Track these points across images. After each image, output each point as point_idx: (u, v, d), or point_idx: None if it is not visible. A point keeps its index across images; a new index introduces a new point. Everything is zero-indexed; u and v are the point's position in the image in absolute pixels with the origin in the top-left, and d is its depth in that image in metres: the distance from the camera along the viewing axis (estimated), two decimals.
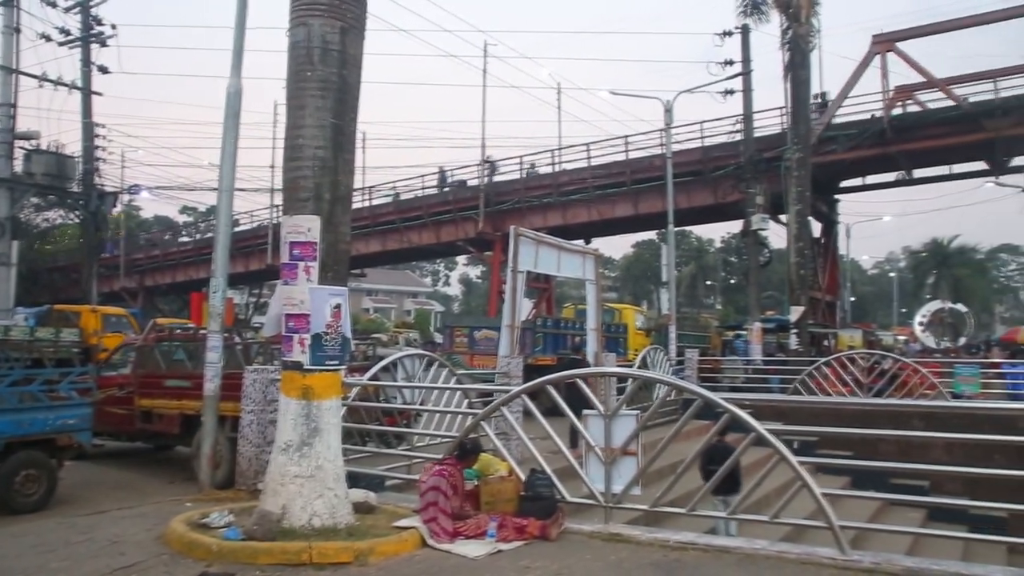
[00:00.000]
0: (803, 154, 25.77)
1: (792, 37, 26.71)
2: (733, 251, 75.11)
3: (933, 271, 69.46)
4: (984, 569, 5.88)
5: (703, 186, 32.21)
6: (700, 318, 49.00)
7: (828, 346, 28.45)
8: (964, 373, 18.65)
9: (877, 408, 14.79)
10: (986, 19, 30.91)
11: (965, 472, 11.86)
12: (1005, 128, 27.59)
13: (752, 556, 6.27)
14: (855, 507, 11.44)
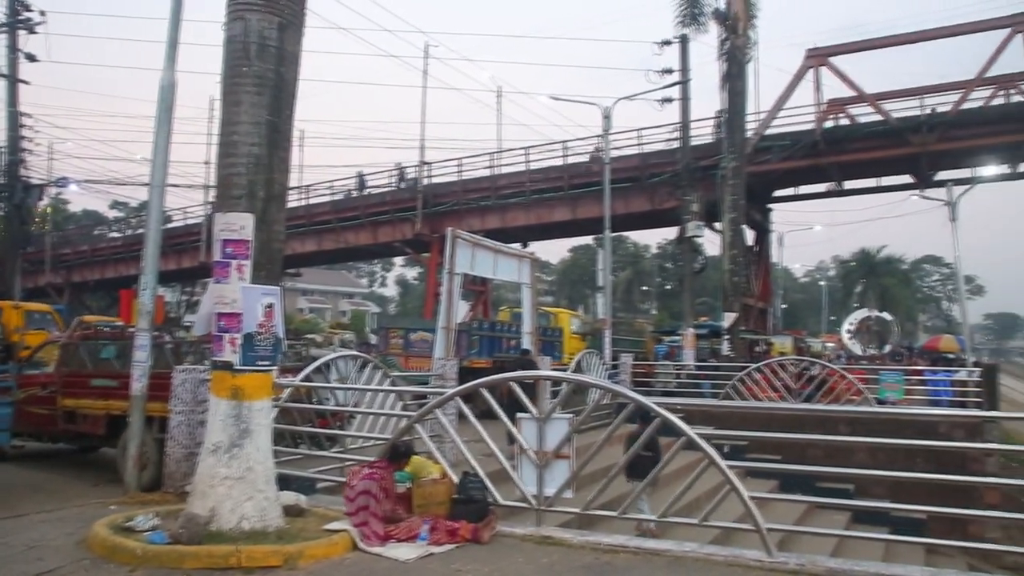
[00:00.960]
0: (738, 163, 26.25)
1: (729, 48, 27.22)
2: (669, 257, 75.90)
3: (861, 280, 71.36)
4: (904, 569, 6.04)
5: (640, 192, 32.59)
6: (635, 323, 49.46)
7: (760, 352, 28.95)
8: (888, 379, 19.17)
9: (806, 413, 15.08)
10: (911, 39, 31.91)
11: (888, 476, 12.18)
12: (930, 143, 28.50)
13: (681, 558, 6.34)
14: (783, 510, 11.66)
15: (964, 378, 20.51)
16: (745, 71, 27.54)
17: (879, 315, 46.98)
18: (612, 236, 28.51)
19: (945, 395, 19.80)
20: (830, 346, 46.32)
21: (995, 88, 29.55)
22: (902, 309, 67.60)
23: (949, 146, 29.01)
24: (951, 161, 31.16)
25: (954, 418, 16.33)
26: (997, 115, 28.57)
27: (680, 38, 28.56)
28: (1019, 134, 26.24)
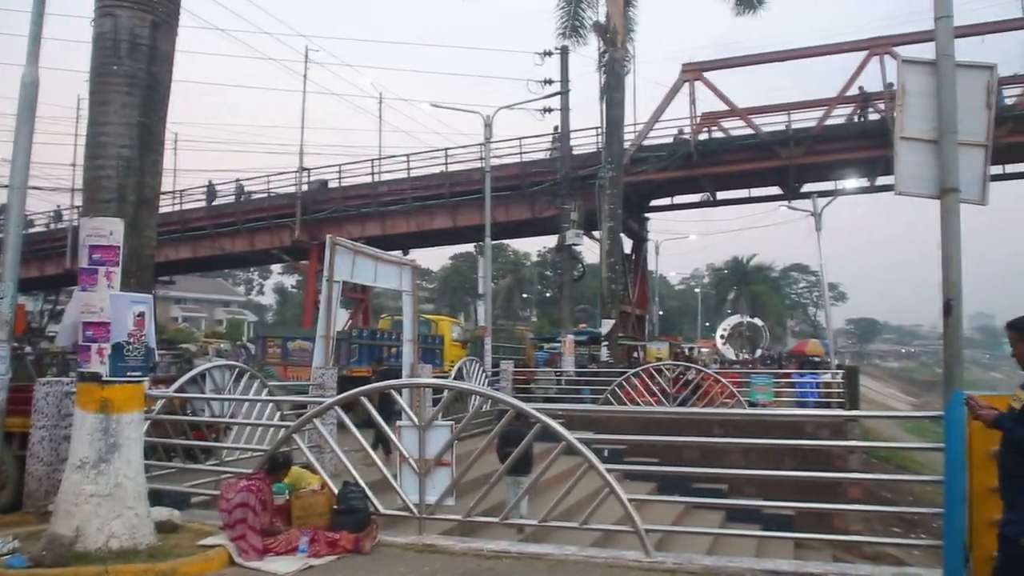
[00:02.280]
0: (616, 173, 26.74)
1: (608, 61, 27.72)
2: (549, 265, 76.95)
3: (733, 287, 74.03)
4: (773, 564, 6.28)
5: (521, 201, 32.89)
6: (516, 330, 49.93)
7: (637, 358, 29.58)
8: (759, 383, 19.90)
9: (681, 416, 15.48)
10: (780, 57, 33.34)
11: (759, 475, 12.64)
12: (796, 157, 29.83)
13: (562, 562, 6.43)
14: (661, 511, 11.96)
15: (829, 380, 21.49)
16: (623, 83, 28.10)
17: (751, 321, 48.89)
18: (493, 244, 28.63)
19: (811, 396, 20.68)
20: (705, 351, 47.81)
21: (855, 106, 31.19)
22: (772, 315, 70.46)
23: (814, 160, 30.40)
24: (816, 174, 32.66)
25: (819, 418, 17.08)
26: (856, 132, 30.13)
27: (561, 49, 28.93)
28: (876, 150, 27.64)
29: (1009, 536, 4.44)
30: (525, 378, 22.34)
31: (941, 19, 5.73)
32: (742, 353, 43.80)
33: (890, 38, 30.04)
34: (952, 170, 5.51)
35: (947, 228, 5.48)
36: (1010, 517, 4.51)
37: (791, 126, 30.85)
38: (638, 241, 35.73)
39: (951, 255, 5.45)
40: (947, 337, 5.54)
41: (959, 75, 5.68)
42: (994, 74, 5.83)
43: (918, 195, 5.66)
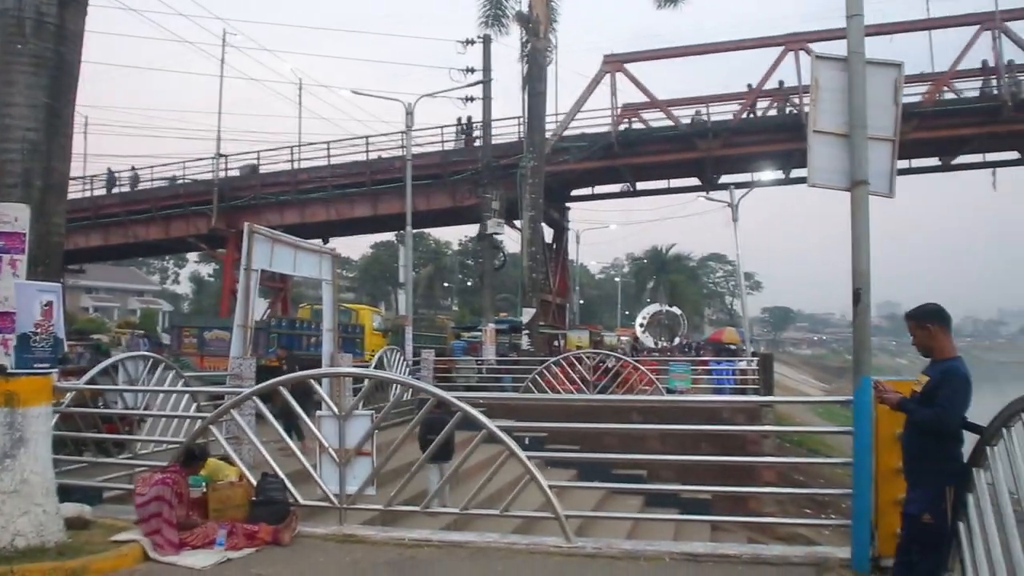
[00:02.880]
0: (537, 163, 26.88)
1: (530, 51, 27.83)
2: (470, 254, 76.92)
3: (653, 276, 75.02)
4: (690, 546, 6.41)
5: (442, 189, 32.82)
6: (437, 319, 49.75)
7: (558, 346, 29.81)
8: (677, 370, 20.29)
9: (601, 403, 15.65)
10: (701, 50, 34.02)
11: (677, 460, 12.91)
12: (714, 149, 30.45)
13: (484, 549, 6.45)
14: (582, 497, 12.07)
15: (744, 367, 22.02)
16: (545, 73, 28.25)
17: (669, 310, 49.64)
18: (414, 232, 28.51)
19: (728, 383, 21.18)
20: (624, 339, 48.40)
21: (772, 100, 31.94)
22: (690, 304, 71.70)
23: (731, 152, 31.09)
24: (733, 166, 33.41)
25: (735, 404, 17.49)
26: (772, 125, 30.89)
27: (483, 38, 28.91)
28: (791, 142, 28.38)
29: (912, 513, 4.64)
30: (446, 367, 22.32)
31: (852, 17, 5.90)
32: (661, 341, 44.49)
33: (806, 34, 30.83)
34: (862, 163, 5.68)
35: (857, 219, 5.66)
36: (913, 495, 4.71)
37: (710, 118, 31.46)
38: (559, 230, 36.01)
39: (860, 246, 5.62)
40: (856, 325, 5.73)
41: (869, 72, 5.85)
42: (901, 72, 6.03)
43: (830, 187, 5.82)
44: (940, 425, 4.57)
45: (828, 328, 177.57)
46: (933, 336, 4.82)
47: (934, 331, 4.83)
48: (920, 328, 4.86)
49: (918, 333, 4.87)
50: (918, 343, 4.90)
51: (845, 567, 5.77)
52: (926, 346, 4.86)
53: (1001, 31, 28.81)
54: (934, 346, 4.82)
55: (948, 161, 33.70)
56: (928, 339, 4.84)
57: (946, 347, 4.81)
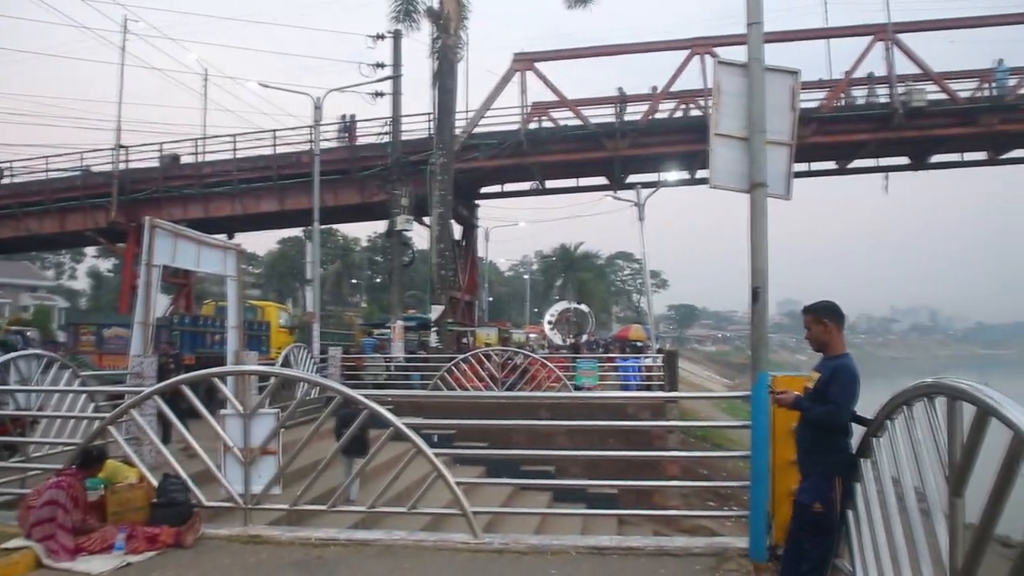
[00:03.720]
0: (447, 160, 26.86)
1: (441, 47, 27.76)
2: (379, 250, 76.29)
3: (561, 274, 75.73)
4: (596, 540, 6.54)
5: (350, 185, 32.50)
6: (345, 316, 49.26)
7: (467, 343, 29.85)
8: (584, 367, 20.54)
9: (510, 400, 15.75)
10: (610, 51, 34.56)
11: (584, 455, 13.11)
12: (622, 149, 30.93)
13: (392, 547, 6.45)
14: (491, 493, 12.13)
15: (649, 364, 22.42)
16: (456, 70, 28.21)
17: (577, 307, 50.12)
18: (322, 228, 28.16)
19: (634, 380, 21.52)
20: (533, 336, 48.71)
21: (678, 102, 32.62)
22: (598, 301, 72.67)
23: (639, 152, 31.62)
24: (640, 165, 33.99)
25: (641, 400, 17.80)
26: (678, 126, 31.55)
27: (394, 33, 28.70)
28: (696, 144, 28.99)
29: (804, 502, 4.84)
30: (354, 364, 22.14)
31: (752, 25, 6.08)
32: (569, 338, 44.92)
33: (712, 39, 31.57)
34: (761, 166, 5.87)
35: (755, 221, 5.85)
36: (804, 485, 4.93)
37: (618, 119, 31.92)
38: (468, 227, 36.07)
39: (759, 245, 5.81)
40: (754, 323, 5.92)
41: (768, 78, 6.04)
42: (798, 78, 6.25)
43: (730, 189, 6.00)
44: (832, 421, 4.79)
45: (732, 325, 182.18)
46: (829, 332, 5.03)
47: (830, 327, 5.03)
48: (818, 323, 5.05)
49: (815, 328, 5.06)
50: (813, 337, 5.09)
51: (744, 556, 5.97)
52: (821, 341, 5.06)
53: (893, 42, 30.01)
54: (828, 342, 5.03)
55: (844, 165, 35.04)
56: (824, 334, 5.04)
57: (839, 344, 5.03)
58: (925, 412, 3.71)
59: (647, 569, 5.91)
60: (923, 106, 29.60)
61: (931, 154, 34.06)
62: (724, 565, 5.90)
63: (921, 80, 30.58)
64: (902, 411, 4.05)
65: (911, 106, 29.39)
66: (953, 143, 32.48)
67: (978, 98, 30.79)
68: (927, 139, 31.55)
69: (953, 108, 30.11)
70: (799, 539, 4.92)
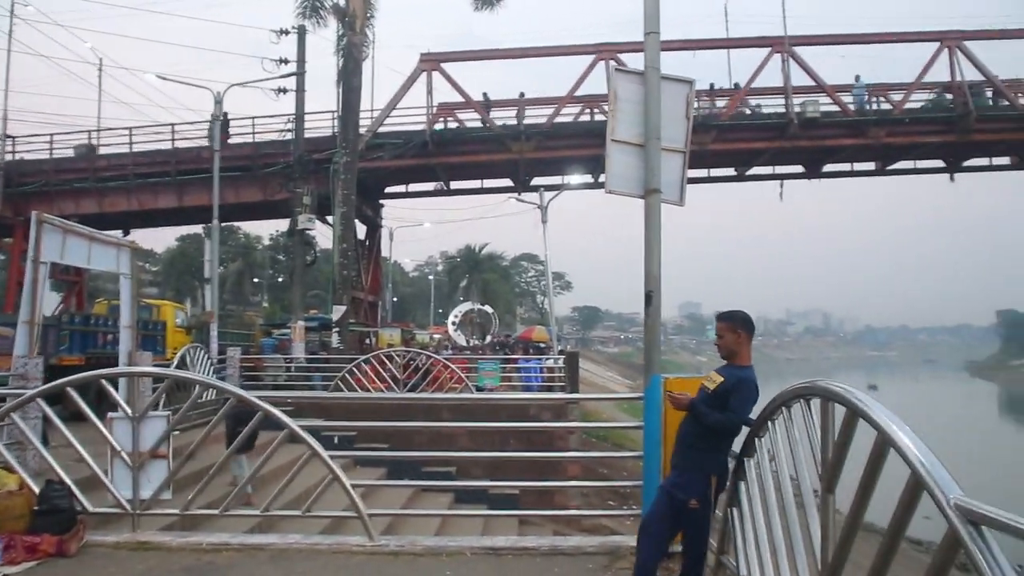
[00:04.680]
0: (351, 159, 26.59)
1: (346, 45, 27.47)
2: (282, 249, 74.91)
3: (466, 275, 75.80)
4: (491, 540, 6.60)
5: (252, 182, 31.85)
6: (246, 316, 48.26)
7: (370, 344, 29.61)
8: (486, 368, 20.61)
9: (411, 402, 15.72)
10: (517, 54, 34.78)
11: (486, 456, 13.16)
12: (527, 151, 31.15)
13: (286, 551, 6.37)
14: (392, 495, 12.09)
15: (551, 365, 22.64)
16: (361, 68, 27.95)
17: (481, 308, 50.26)
18: (224, 226, 27.59)
19: (536, 381, 21.71)
20: (437, 337, 48.62)
21: (582, 106, 33.04)
22: (502, 302, 73.02)
23: (543, 155, 31.87)
24: (545, 168, 34.32)
25: (542, 401, 17.98)
26: (582, 130, 31.94)
27: (299, 29, 28.32)
28: (599, 148, 29.33)
29: (681, 499, 4.89)
30: (253, 365, 21.73)
31: (650, 34, 6.22)
32: (473, 339, 44.99)
33: (616, 45, 32.05)
34: (656, 173, 6.01)
35: (649, 226, 5.98)
36: (681, 481, 4.93)
37: (523, 122, 32.15)
38: (372, 227, 35.81)
39: (652, 250, 5.94)
40: (648, 326, 6.06)
41: (664, 86, 6.19)
42: (692, 88, 6.43)
43: (626, 194, 6.12)
44: (729, 429, 4.90)
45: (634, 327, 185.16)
46: (741, 342, 5.07)
47: (743, 337, 5.09)
48: (732, 331, 5.08)
49: (729, 336, 5.07)
50: (725, 345, 5.07)
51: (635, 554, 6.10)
52: (731, 350, 5.06)
53: (789, 54, 31.04)
54: (738, 352, 5.05)
55: (743, 172, 36.06)
56: (736, 343, 5.06)
57: (746, 355, 5.09)
58: (802, 413, 3.87)
59: (541, 568, 5.99)
60: (816, 117, 30.74)
61: (824, 163, 35.39)
62: (616, 563, 6.02)
63: (815, 92, 31.73)
64: (781, 412, 4.21)
65: (805, 117, 30.46)
66: (844, 153, 33.80)
67: (867, 111, 32.11)
68: (820, 149, 32.77)
69: (844, 120, 31.33)
70: (654, 519, 5.00)
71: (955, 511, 2.26)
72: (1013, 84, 31.94)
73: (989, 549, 2.16)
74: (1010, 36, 33.25)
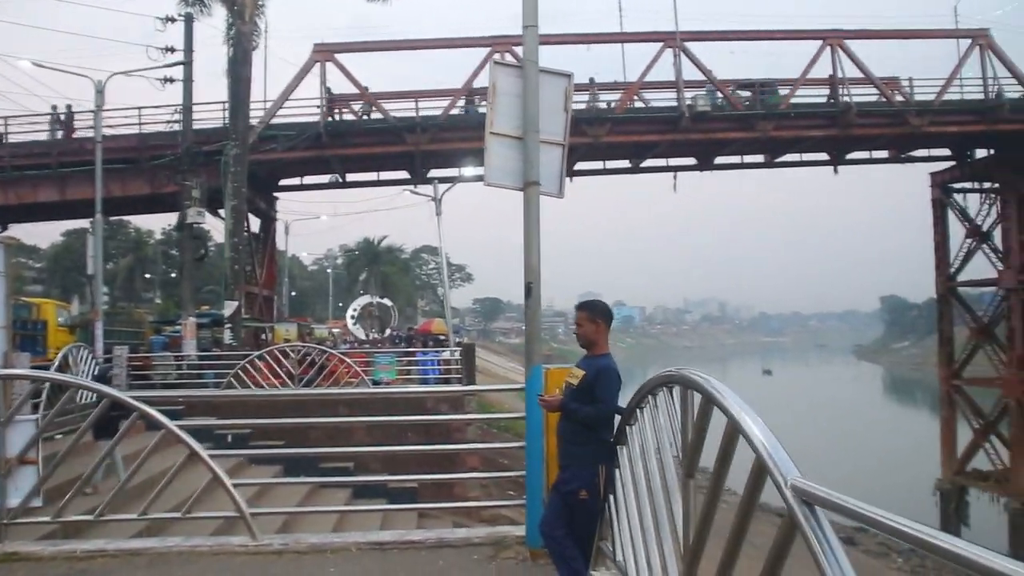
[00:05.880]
0: (241, 151, 26.01)
1: (235, 34, 26.80)
2: (175, 243, 72.77)
3: (365, 268, 75.08)
4: (377, 535, 6.59)
5: (140, 175, 30.71)
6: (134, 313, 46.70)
7: (265, 340, 29.09)
8: (382, 362, 20.51)
9: (307, 397, 15.52)
10: (412, 46, 34.70)
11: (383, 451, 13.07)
12: (423, 143, 30.96)
13: (165, 555, 6.21)
14: (289, 493, 11.93)
15: (447, 357, 22.67)
16: (251, 58, 27.34)
17: (380, 301, 49.88)
18: (113, 220, 26.64)
19: (433, 373, 21.69)
20: (336, 331, 48.05)
21: (479, 98, 33.00)
22: (403, 295, 72.63)
23: (439, 147, 31.70)
24: (442, 160, 34.12)
25: (439, 393, 17.96)
26: (477, 122, 31.75)
27: (185, 16, 27.47)
28: None
29: (571, 490, 5.00)
30: (142, 364, 21.08)
31: (528, 28, 6.25)
32: (372, 333, 44.63)
33: (512, 38, 31.98)
34: (534, 165, 6.05)
35: (528, 218, 6.02)
36: (567, 475, 5.09)
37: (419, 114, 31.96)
38: (267, 220, 35.08)
39: (531, 243, 5.99)
40: (528, 317, 6.12)
41: (542, 80, 6.23)
42: (571, 81, 6.49)
43: (504, 186, 6.15)
44: (601, 420, 5.00)
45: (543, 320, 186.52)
46: (599, 331, 5.20)
47: (601, 327, 5.22)
48: (592, 321, 5.21)
49: (588, 326, 5.21)
50: (584, 334, 5.22)
51: (521, 543, 6.17)
52: (590, 339, 5.20)
53: (680, 49, 31.66)
54: (597, 341, 5.19)
55: (638, 163, 36.64)
56: (595, 333, 5.20)
57: (604, 343, 5.23)
58: (665, 401, 3.97)
59: (426, 561, 6.00)
60: (707, 111, 31.44)
61: (715, 156, 36.22)
62: (502, 553, 6.08)
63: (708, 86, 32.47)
64: (648, 400, 4.31)
65: (696, 110, 31.13)
66: (734, 146, 34.64)
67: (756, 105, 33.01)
68: (711, 142, 33.50)
69: (733, 114, 32.14)
70: (557, 524, 5.09)
71: (792, 492, 2.35)
72: (890, 82, 33.29)
73: (821, 529, 2.25)
74: (886, 36, 34.76)
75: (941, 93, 32.37)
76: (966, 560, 1.67)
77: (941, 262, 36.59)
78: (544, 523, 5.19)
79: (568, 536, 4.96)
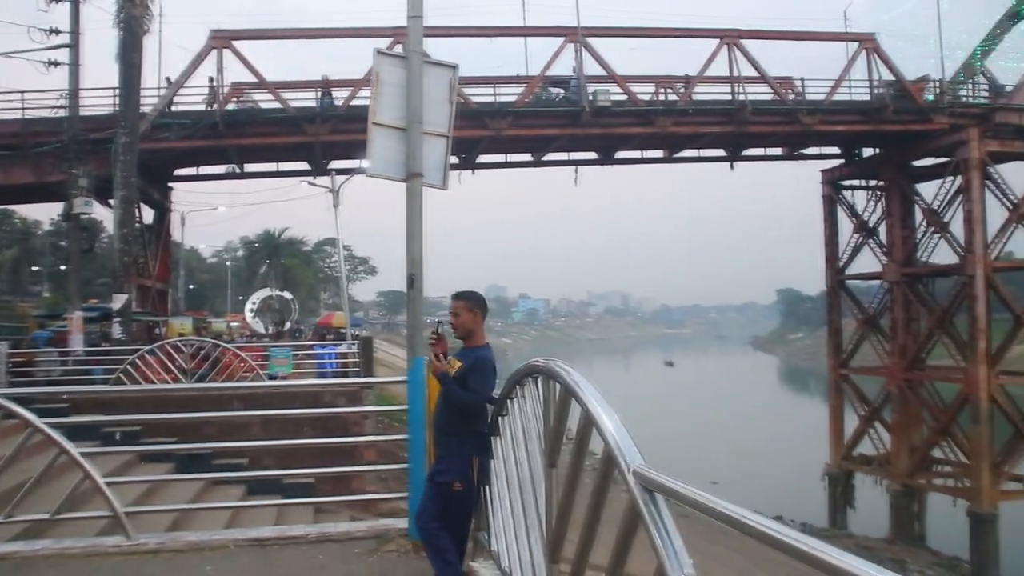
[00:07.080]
0: (130, 139, 25.14)
1: (126, 18, 25.86)
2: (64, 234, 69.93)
3: (266, 260, 73.68)
4: (257, 531, 6.46)
5: (23, 162, 29.41)
6: (19, 307, 44.81)
7: (159, 334, 28.28)
8: (278, 356, 20.17)
9: (200, 392, 15.19)
10: (314, 34, 34.11)
11: (278, 445, 12.87)
12: (323, 133, 30.52)
13: (30, 558, 5.96)
14: (181, 490, 11.61)
15: (345, 351, 22.42)
16: (143, 44, 26.41)
17: (280, 294, 49.03)
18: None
19: (331, 367, 21.42)
20: (235, 325, 47.01)
21: None
22: (305, 288, 71.57)
23: (340, 138, 31.25)
24: (343, 152, 33.71)
25: (336, 387, 17.76)
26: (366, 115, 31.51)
27: None
28: None
29: (446, 481, 5.01)
30: (25, 360, 20.22)
31: (413, 18, 6.22)
32: (272, 327, 43.84)
33: None
34: (417, 157, 6.03)
35: (411, 210, 6.00)
36: (442, 467, 5.10)
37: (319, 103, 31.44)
38: (161, 211, 34.06)
39: (414, 234, 5.97)
40: (410, 308, 6.10)
41: (426, 71, 6.22)
42: (456, 73, 6.49)
43: (387, 178, 6.12)
44: (472, 407, 5.02)
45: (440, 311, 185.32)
46: (476, 321, 5.23)
47: (478, 317, 5.24)
48: (468, 311, 5.22)
49: (466, 315, 5.22)
50: (461, 324, 5.23)
51: (403, 536, 6.16)
52: (468, 329, 5.23)
53: (582, 45, 31.94)
54: (474, 331, 5.22)
55: (539, 157, 36.88)
56: (472, 323, 5.22)
57: (481, 335, 5.26)
58: (530, 392, 4.02)
59: (306, 556, 5.93)
60: (607, 106, 31.80)
61: (616, 150, 36.76)
62: (384, 546, 6.06)
63: (607, 81, 32.83)
64: (516, 393, 4.35)
65: (596, 105, 31.47)
66: (635, 141, 35.21)
67: (656, 101, 33.59)
68: (612, 136, 33.96)
69: (634, 109, 32.60)
70: (432, 516, 5.09)
71: (634, 478, 2.40)
72: (784, 81, 34.30)
73: (660, 514, 2.31)
74: (781, 37, 35.78)
75: (831, 93, 33.48)
76: (770, 538, 1.75)
77: (831, 256, 38.06)
78: (419, 515, 5.18)
79: (443, 528, 4.96)
